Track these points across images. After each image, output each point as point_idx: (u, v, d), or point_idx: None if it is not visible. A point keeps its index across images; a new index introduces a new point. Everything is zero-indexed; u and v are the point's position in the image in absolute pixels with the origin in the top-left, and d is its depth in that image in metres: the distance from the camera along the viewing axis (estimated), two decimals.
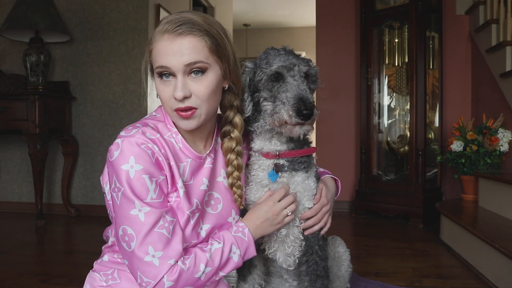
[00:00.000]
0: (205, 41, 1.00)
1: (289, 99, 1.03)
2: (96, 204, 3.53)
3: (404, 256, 2.40)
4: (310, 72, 1.12)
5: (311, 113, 1.01)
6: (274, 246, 1.19)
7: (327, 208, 1.22)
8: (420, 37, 3.25)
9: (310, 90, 1.11)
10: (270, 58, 1.11)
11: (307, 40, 7.88)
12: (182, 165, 1.05)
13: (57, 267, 2.21)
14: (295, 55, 1.13)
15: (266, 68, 1.10)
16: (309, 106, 1.01)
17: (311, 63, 1.15)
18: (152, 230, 0.95)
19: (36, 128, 3.09)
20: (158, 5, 3.63)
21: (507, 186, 2.35)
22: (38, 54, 3.19)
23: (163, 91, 1.02)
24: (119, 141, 0.98)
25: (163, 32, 0.99)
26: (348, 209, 3.78)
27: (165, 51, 0.98)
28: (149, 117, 1.10)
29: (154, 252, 0.95)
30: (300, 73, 1.08)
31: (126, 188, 0.95)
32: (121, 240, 0.97)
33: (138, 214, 0.95)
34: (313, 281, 1.18)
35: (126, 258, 0.99)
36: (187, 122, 1.02)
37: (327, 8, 3.97)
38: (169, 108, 1.03)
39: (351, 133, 3.89)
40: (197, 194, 1.07)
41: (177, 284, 0.96)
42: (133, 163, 0.96)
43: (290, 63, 1.08)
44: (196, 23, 1.00)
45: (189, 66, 0.98)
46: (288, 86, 1.06)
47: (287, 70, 1.08)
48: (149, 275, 0.95)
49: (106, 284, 1.11)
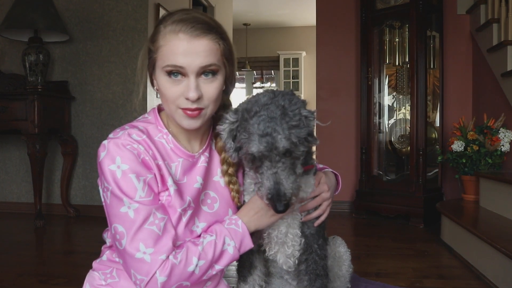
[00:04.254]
0: (219, 44, 1.02)
1: (265, 190, 0.99)
2: (95, 204, 3.52)
3: (404, 256, 2.39)
4: (291, 149, 0.98)
5: (285, 209, 0.98)
6: (274, 248, 1.18)
7: (327, 196, 1.20)
8: (420, 37, 3.25)
9: (293, 166, 1.00)
10: (250, 127, 0.99)
11: (307, 40, 7.88)
12: (173, 165, 1.06)
13: (56, 268, 2.20)
14: (281, 119, 0.98)
15: (245, 140, 1.01)
16: (284, 201, 0.97)
17: (295, 131, 0.98)
18: (142, 227, 0.96)
19: (35, 128, 3.08)
20: (157, 5, 3.62)
21: (508, 186, 2.34)
22: (37, 54, 3.18)
23: (171, 90, 1.01)
24: (105, 142, 1.01)
25: (177, 31, 0.99)
26: (348, 209, 3.77)
27: (180, 50, 0.98)
28: (141, 120, 1.11)
29: (145, 249, 0.95)
30: (280, 155, 0.98)
31: (114, 187, 0.97)
32: (114, 239, 0.99)
33: (128, 211, 0.97)
34: (312, 280, 1.17)
35: (120, 256, 1.00)
36: (193, 121, 1.03)
37: (328, 8, 3.96)
38: (174, 106, 1.03)
39: (351, 133, 3.88)
40: (190, 192, 1.07)
41: (170, 279, 0.97)
42: (120, 163, 0.98)
43: (268, 145, 0.96)
44: (211, 24, 1.02)
45: (203, 68, 1.00)
46: (264, 173, 0.99)
47: (264, 156, 0.98)
48: (142, 272, 0.96)
49: (106, 283, 1.12)
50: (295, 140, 0.98)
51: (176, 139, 1.09)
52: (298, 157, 1.02)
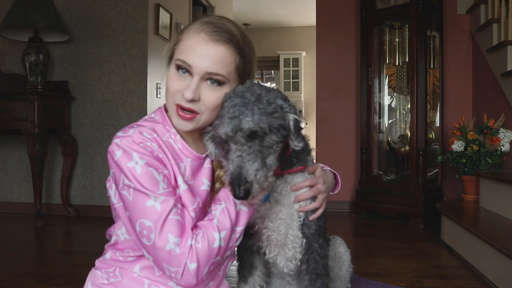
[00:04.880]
0: (235, 58, 1.01)
1: (228, 173, 0.97)
2: (95, 204, 3.52)
3: (404, 256, 2.39)
4: (258, 132, 0.96)
5: (245, 195, 0.93)
6: (274, 250, 1.17)
7: (322, 188, 1.17)
8: (420, 37, 3.25)
9: (261, 153, 0.97)
10: (222, 112, 1.00)
11: (307, 40, 7.87)
12: (182, 165, 1.06)
13: (56, 268, 2.20)
14: (253, 104, 0.97)
15: (217, 125, 1.01)
16: (243, 186, 0.93)
17: (266, 118, 0.96)
18: (168, 217, 0.96)
19: (35, 128, 3.08)
20: (157, 5, 3.62)
21: (508, 186, 2.34)
22: (37, 54, 3.18)
23: (174, 83, 1.02)
24: (117, 141, 0.99)
25: (200, 30, 1.00)
26: (348, 209, 3.77)
27: (194, 49, 0.99)
28: (148, 120, 1.10)
29: (174, 239, 0.95)
30: (245, 137, 0.95)
31: (136, 183, 0.96)
32: (140, 236, 0.98)
33: (154, 204, 0.96)
34: (313, 280, 1.16)
35: (150, 253, 0.99)
36: (183, 122, 1.02)
37: (328, 8, 3.96)
38: (171, 101, 1.03)
39: (351, 133, 3.88)
40: (199, 194, 1.07)
41: (200, 263, 0.96)
42: (137, 159, 0.97)
43: (234, 127, 0.95)
44: (235, 37, 1.01)
45: (209, 74, 0.99)
46: (230, 157, 0.97)
47: (230, 138, 0.97)
48: (174, 263, 0.96)
49: (108, 281, 1.11)
50: (263, 125, 0.96)
51: (184, 139, 1.08)
52: (270, 146, 0.98)
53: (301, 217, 1.15)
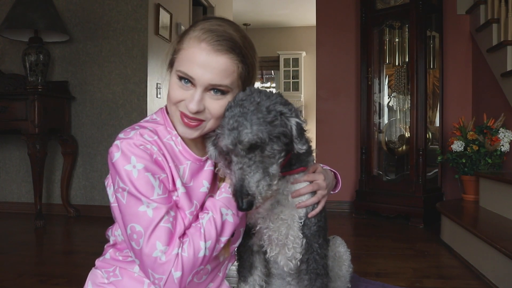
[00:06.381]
0: (238, 66, 1.00)
1: (231, 185, 0.98)
2: (95, 204, 3.52)
3: (404, 256, 2.39)
4: (258, 144, 0.95)
5: (247, 207, 0.95)
6: (275, 249, 1.18)
7: (323, 185, 1.17)
8: (420, 37, 3.25)
9: (263, 164, 0.97)
10: (223, 122, 0.99)
11: (307, 40, 7.88)
12: (182, 167, 1.06)
13: (56, 268, 2.20)
14: (252, 114, 0.96)
15: (219, 135, 1.01)
16: (245, 198, 0.93)
17: (266, 127, 0.95)
18: (159, 225, 0.96)
19: (35, 128, 3.08)
20: (157, 5, 3.62)
21: (508, 186, 2.34)
22: (37, 54, 3.18)
23: (176, 92, 1.01)
24: (118, 143, 0.99)
25: (201, 40, 0.98)
26: (348, 209, 3.77)
27: (196, 60, 0.97)
28: (150, 121, 1.10)
29: (162, 247, 0.96)
30: (245, 149, 0.95)
31: (131, 187, 0.96)
32: (130, 239, 0.98)
33: (147, 210, 0.96)
34: (313, 280, 1.16)
35: (137, 257, 1.00)
36: (188, 130, 1.02)
37: (327, 8, 3.96)
38: (174, 107, 1.03)
39: (351, 133, 3.88)
40: (197, 196, 1.07)
41: (184, 272, 0.97)
42: (135, 163, 0.97)
43: (233, 139, 0.95)
44: (237, 44, 1.00)
45: (212, 86, 0.99)
46: (232, 169, 0.98)
47: (231, 150, 0.97)
48: (159, 271, 0.96)
49: (108, 281, 1.11)
50: (262, 136, 0.95)
51: (185, 142, 1.08)
52: (272, 156, 0.98)
53: (302, 218, 1.15)
